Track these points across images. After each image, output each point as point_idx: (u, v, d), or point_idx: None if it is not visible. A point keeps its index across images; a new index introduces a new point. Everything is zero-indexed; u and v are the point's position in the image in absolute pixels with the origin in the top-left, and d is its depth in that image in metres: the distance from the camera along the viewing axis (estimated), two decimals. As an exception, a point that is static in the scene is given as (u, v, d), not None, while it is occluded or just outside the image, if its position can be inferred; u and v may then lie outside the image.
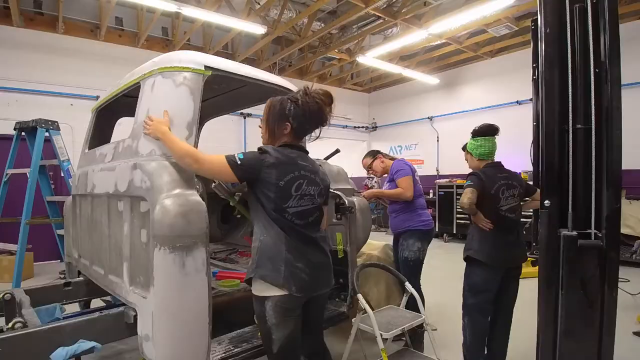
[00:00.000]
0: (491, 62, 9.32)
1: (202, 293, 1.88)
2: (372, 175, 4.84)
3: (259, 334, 1.95)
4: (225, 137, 9.26)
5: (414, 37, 7.49)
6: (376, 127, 12.45)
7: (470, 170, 2.78)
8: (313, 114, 1.85)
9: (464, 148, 2.89)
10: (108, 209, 2.43)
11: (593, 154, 1.72)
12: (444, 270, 6.20)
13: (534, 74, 3.77)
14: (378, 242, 3.82)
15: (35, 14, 6.78)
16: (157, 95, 2.19)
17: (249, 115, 9.68)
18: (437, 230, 9.32)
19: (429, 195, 10.02)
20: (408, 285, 2.81)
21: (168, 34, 8.39)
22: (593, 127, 1.73)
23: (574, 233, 1.73)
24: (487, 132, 2.76)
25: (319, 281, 1.83)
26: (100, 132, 3.29)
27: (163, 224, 1.82)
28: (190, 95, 2.18)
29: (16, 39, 6.45)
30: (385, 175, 3.53)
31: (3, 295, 2.60)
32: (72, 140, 6.67)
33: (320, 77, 11.04)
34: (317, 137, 1.96)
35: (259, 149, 1.82)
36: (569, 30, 1.78)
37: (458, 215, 8.79)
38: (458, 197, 8.92)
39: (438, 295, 4.63)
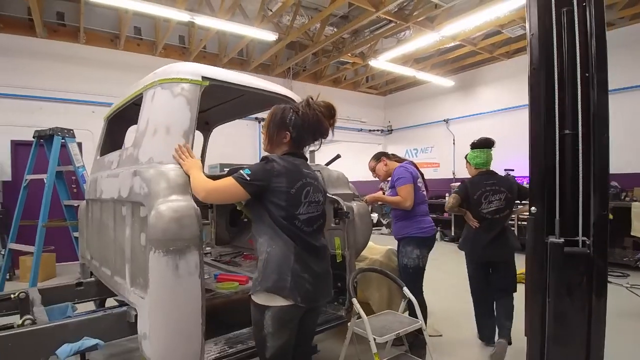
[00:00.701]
0: (507, 63, 9.15)
1: (195, 294, 1.95)
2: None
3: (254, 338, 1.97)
4: (240, 141, 9.44)
5: (426, 40, 7.45)
6: (392, 130, 12.40)
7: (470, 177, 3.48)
8: (312, 125, 1.86)
9: (466, 157, 3.48)
10: (114, 214, 2.55)
11: (580, 159, 1.70)
12: (456, 275, 6.11)
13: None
14: (382, 247, 3.83)
15: (58, 26, 7.11)
16: (156, 105, 2.29)
17: (263, 119, 9.81)
18: (452, 234, 9.20)
19: (444, 198, 9.92)
20: (406, 290, 2.81)
21: (185, 42, 8.62)
22: (580, 132, 1.71)
23: (560, 240, 1.71)
24: (484, 145, 3.32)
25: (321, 291, 1.84)
26: (112, 140, 3.43)
27: (157, 228, 1.90)
28: (187, 105, 2.27)
29: (40, 49, 6.79)
30: (389, 179, 3.53)
31: (18, 294, 2.76)
32: (93, 146, 6.94)
33: (335, 81, 11.09)
34: (317, 149, 2.02)
35: (264, 158, 1.83)
36: (554, 34, 1.76)
37: (474, 219, 8.62)
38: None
39: (448, 301, 4.58)
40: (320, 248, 1.84)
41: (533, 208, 1.79)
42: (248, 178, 1.74)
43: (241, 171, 1.78)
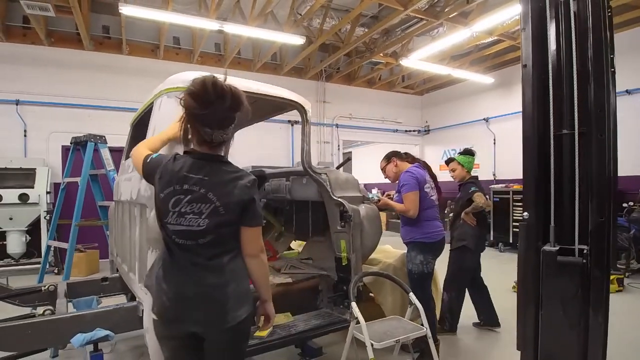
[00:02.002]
0: (552, 57, 8.56)
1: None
2: None
3: None
4: (273, 144, 9.63)
5: (459, 37, 7.18)
6: (429, 130, 12.05)
7: (457, 180, 3.95)
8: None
9: (449, 161, 3.96)
10: (129, 214, 2.71)
11: (577, 161, 1.57)
12: (494, 282, 5.79)
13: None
14: (396, 251, 3.74)
15: (103, 38, 7.66)
16: (162, 113, 2.41)
17: (297, 122, 9.93)
18: (491, 238, 8.77)
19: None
20: (412, 296, 2.73)
21: (220, 49, 8.94)
22: (576, 132, 1.58)
23: (554, 248, 1.59)
24: (472, 152, 3.93)
25: (190, 314, 1.51)
26: (135, 144, 3.65)
27: (153, 228, 1.99)
28: (190, 113, 2.37)
29: (87, 61, 7.34)
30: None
31: (48, 287, 3.01)
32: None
33: (369, 82, 10.99)
34: (222, 140, 1.53)
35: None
36: (549, 28, 1.64)
37: (515, 223, 8.18)
38: (515, 203, 8.34)
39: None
40: (201, 266, 1.51)
41: (525, 213, 1.68)
42: (148, 160, 1.65)
43: (158, 154, 1.71)
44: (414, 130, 12.08)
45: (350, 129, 10.95)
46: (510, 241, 8.27)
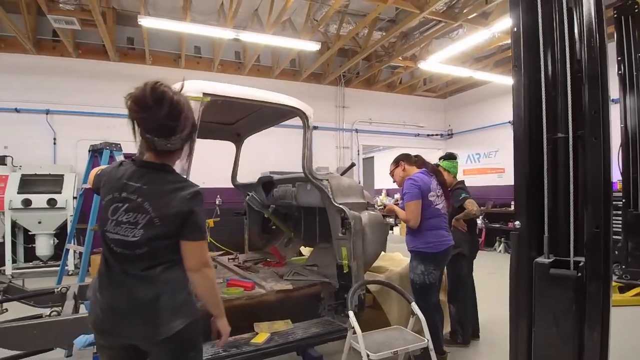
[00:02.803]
0: (581, 56, 8.18)
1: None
2: None
3: None
4: (293, 149, 9.62)
5: (479, 38, 7.00)
6: (452, 134, 11.77)
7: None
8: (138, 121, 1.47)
9: (441, 166, 3.71)
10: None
11: (571, 166, 1.47)
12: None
13: (619, 69, 3.36)
14: (404, 258, 3.65)
15: (128, 50, 7.96)
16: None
17: (316, 127, 9.93)
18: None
19: (510, 207, 9.13)
20: (414, 306, 2.65)
21: (240, 57, 9.10)
22: (570, 136, 1.48)
23: (546, 260, 1.50)
24: (454, 156, 3.88)
25: (120, 327, 1.47)
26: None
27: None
28: (187, 121, 2.40)
29: (113, 71, 7.64)
30: None
31: (60, 289, 3.12)
32: None
33: (389, 86, 10.86)
34: (166, 150, 1.50)
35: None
36: (540, 27, 1.56)
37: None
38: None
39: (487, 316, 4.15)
40: (137, 278, 1.45)
41: (517, 222, 1.59)
42: (99, 172, 1.63)
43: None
44: (436, 134, 11.83)
45: (370, 133, 10.85)
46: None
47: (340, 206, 2.90)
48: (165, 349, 1.49)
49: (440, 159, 3.84)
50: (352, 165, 3.42)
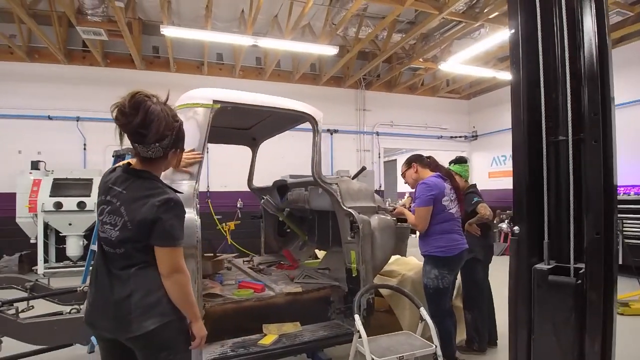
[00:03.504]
0: (611, 54, 7.83)
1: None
2: None
3: None
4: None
5: (501, 37, 6.83)
6: (477, 135, 11.50)
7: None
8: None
9: (452, 169, 3.60)
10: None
11: (571, 170, 1.43)
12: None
13: None
14: (418, 263, 3.60)
15: (153, 58, 8.25)
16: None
17: (336, 131, 9.98)
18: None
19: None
20: (422, 311, 2.61)
21: (261, 63, 9.25)
22: (570, 139, 1.44)
23: (545, 266, 1.46)
24: (464, 160, 3.80)
25: (100, 321, 1.58)
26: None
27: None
28: (197, 128, 2.50)
29: (139, 79, 7.93)
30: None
31: (82, 287, 3.27)
32: None
33: (411, 88, 10.75)
34: (147, 156, 1.58)
35: None
36: (539, 27, 1.52)
37: (569, 235, 7.49)
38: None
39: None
40: (115, 276, 1.55)
41: (516, 228, 1.55)
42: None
43: None
44: (460, 136, 11.59)
45: (391, 136, 10.77)
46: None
47: (349, 210, 2.90)
48: (138, 346, 1.56)
49: (450, 162, 3.75)
50: (363, 168, 3.42)
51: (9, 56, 7.26)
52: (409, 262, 3.78)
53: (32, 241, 6.52)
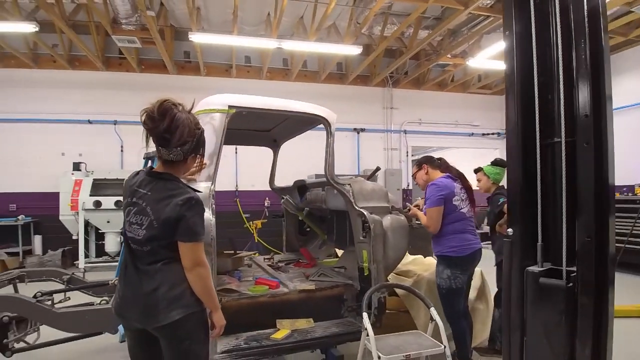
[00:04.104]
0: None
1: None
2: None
3: None
4: (339, 152, 9.74)
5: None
6: (509, 132, 11.11)
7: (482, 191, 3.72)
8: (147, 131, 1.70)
9: (477, 170, 3.70)
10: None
11: (563, 173, 1.42)
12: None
13: None
14: (434, 263, 3.58)
15: (185, 63, 8.61)
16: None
17: (362, 130, 9.97)
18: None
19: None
20: (433, 311, 2.62)
21: (287, 64, 9.39)
22: (563, 141, 1.43)
23: (537, 269, 1.46)
24: (503, 164, 3.56)
25: (129, 312, 1.72)
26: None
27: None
28: (213, 132, 2.64)
29: (171, 84, 8.30)
30: None
31: (114, 281, 3.51)
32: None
33: (440, 85, 10.55)
34: (169, 159, 1.71)
35: None
36: (533, 29, 1.51)
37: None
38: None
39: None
40: (142, 271, 1.69)
41: (510, 230, 1.56)
42: None
43: None
44: (492, 134, 11.24)
45: (419, 134, 10.62)
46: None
47: (361, 210, 2.95)
48: (163, 335, 1.69)
49: (491, 163, 3.65)
50: (377, 169, 3.44)
51: (52, 64, 7.82)
52: (426, 262, 3.78)
53: (74, 237, 7.01)
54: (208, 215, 2.42)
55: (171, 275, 1.68)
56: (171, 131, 1.64)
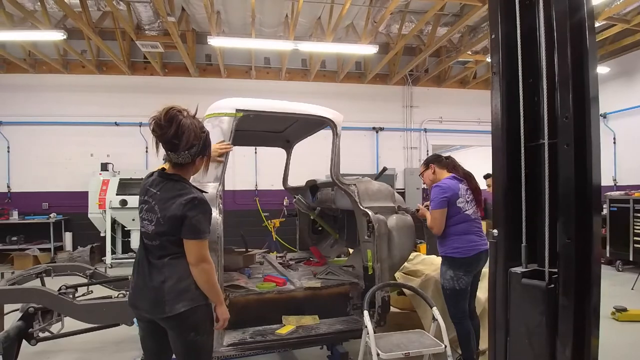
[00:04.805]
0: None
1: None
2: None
3: None
4: (359, 152, 9.76)
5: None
6: (535, 130, 10.79)
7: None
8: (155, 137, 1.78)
9: (487, 176, 3.55)
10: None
11: (547, 174, 1.43)
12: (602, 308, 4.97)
13: None
14: (442, 263, 3.57)
15: (206, 65, 8.84)
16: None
17: (381, 129, 9.94)
18: (607, 255, 7.50)
19: (602, 211, 8.11)
20: (435, 311, 2.64)
21: (306, 64, 9.48)
22: (546, 142, 1.44)
23: (519, 269, 1.47)
24: None
25: (140, 302, 1.84)
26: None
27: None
28: (221, 135, 2.76)
29: (193, 86, 8.55)
30: None
31: (130, 277, 3.70)
32: (232, 162, 8.57)
33: (461, 82, 10.35)
34: (178, 162, 1.82)
35: None
36: (518, 30, 1.52)
37: (637, 238, 6.86)
38: (637, 214, 7.00)
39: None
40: (152, 265, 1.81)
41: (495, 231, 1.57)
42: None
43: None
44: (516, 131, 10.95)
45: (440, 133, 10.46)
46: (631, 259, 6.95)
47: (365, 209, 2.99)
48: (170, 326, 1.81)
49: None
50: (384, 169, 3.47)
51: (81, 69, 8.25)
52: (435, 263, 3.77)
53: (101, 234, 7.36)
54: (215, 214, 2.53)
55: (178, 269, 1.79)
56: (178, 137, 1.73)
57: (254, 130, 4.40)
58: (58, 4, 5.55)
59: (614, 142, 8.45)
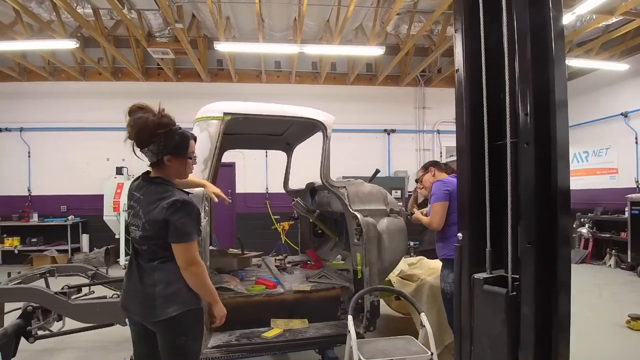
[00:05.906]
0: None
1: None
2: None
3: None
4: (369, 155, 9.67)
5: (566, 20, 6.17)
6: (554, 130, 10.42)
7: None
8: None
9: None
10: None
11: (509, 175, 1.37)
12: (605, 313, 4.75)
13: None
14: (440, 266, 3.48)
15: (218, 71, 8.97)
16: (191, 140, 2.86)
17: (393, 131, 9.83)
18: (629, 260, 7.14)
19: (623, 213, 7.74)
20: (423, 316, 2.56)
21: (317, 67, 9.48)
22: (508, 142, 1.37)
23: (482, 275, 1.41)
24: None
25: (131, 305, 1.84)
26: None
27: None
28: (208, 138, 2.78)
29: (205, 91, 8.68)
30: None
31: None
32: (243, 165, 8.69)
33: (476, 82, 10.13)
34: (150, 162, 1.85)
35: None
36: (481, 27, 1.47)
37: (661, 242, 6.51)
38: (662, 217, 6.65)
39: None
40: (143, 268, 1.81)
41: (459, 235, 1.51)
42: None
43: None
44: (535, 132, 10.62)
45: (454, 134, 10.21)
46: (655, 265, 6.59)
47: (354, 212, 2.94)
48: (160, 330, 1.79)
49: None
50: (377, 171, 3.41)
51: (98, 77, 8.52)
52: (432, 266, 3.68)
53: (116, 236, 7.56)
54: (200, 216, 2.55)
55: (167, 273, 1.77)
56: (135, 133, 1.76)
57: (254, 133, 4.44)
58: (71, 14, 5.76)
59: (636, 142, 8.06)
